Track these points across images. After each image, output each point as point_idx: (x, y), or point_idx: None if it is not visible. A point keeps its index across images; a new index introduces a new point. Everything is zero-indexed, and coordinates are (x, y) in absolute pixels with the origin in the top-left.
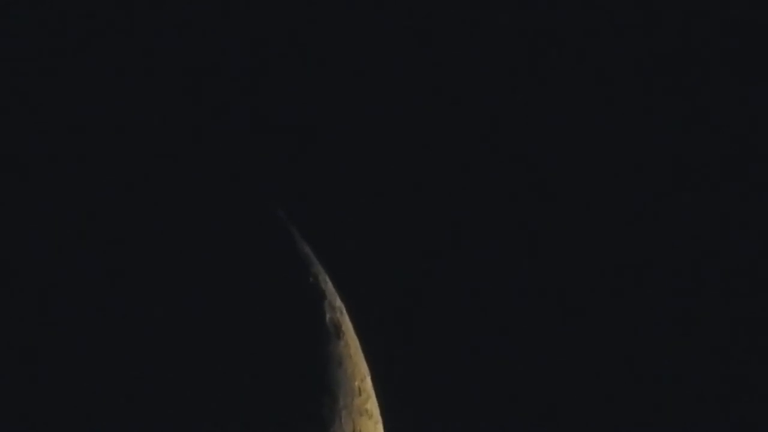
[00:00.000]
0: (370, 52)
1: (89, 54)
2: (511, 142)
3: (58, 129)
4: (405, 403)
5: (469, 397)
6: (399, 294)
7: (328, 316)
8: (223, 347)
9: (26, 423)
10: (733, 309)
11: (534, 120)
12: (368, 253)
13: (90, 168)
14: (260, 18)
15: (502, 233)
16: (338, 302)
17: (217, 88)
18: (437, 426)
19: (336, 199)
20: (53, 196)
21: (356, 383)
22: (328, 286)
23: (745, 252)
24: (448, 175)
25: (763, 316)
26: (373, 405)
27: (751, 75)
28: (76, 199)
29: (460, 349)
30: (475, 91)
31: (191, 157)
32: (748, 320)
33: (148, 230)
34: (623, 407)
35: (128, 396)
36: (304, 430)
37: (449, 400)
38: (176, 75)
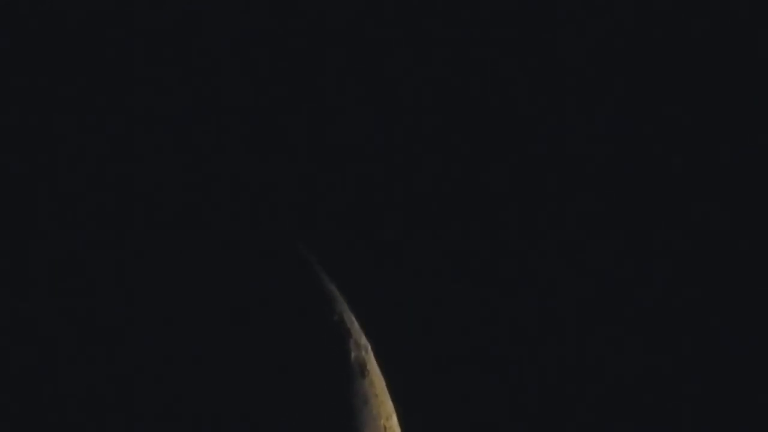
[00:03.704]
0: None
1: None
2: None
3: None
4: None
5: None
6: (424, 330)
7: (353, 354)
8: (247, 384)
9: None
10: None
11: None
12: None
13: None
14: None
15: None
16: (363, 341)
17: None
18: None
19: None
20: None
21: (382, 422)
22: (354, 325)
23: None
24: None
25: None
26: None
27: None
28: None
29: (488, 386)
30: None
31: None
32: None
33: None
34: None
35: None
36: None
37: None
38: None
